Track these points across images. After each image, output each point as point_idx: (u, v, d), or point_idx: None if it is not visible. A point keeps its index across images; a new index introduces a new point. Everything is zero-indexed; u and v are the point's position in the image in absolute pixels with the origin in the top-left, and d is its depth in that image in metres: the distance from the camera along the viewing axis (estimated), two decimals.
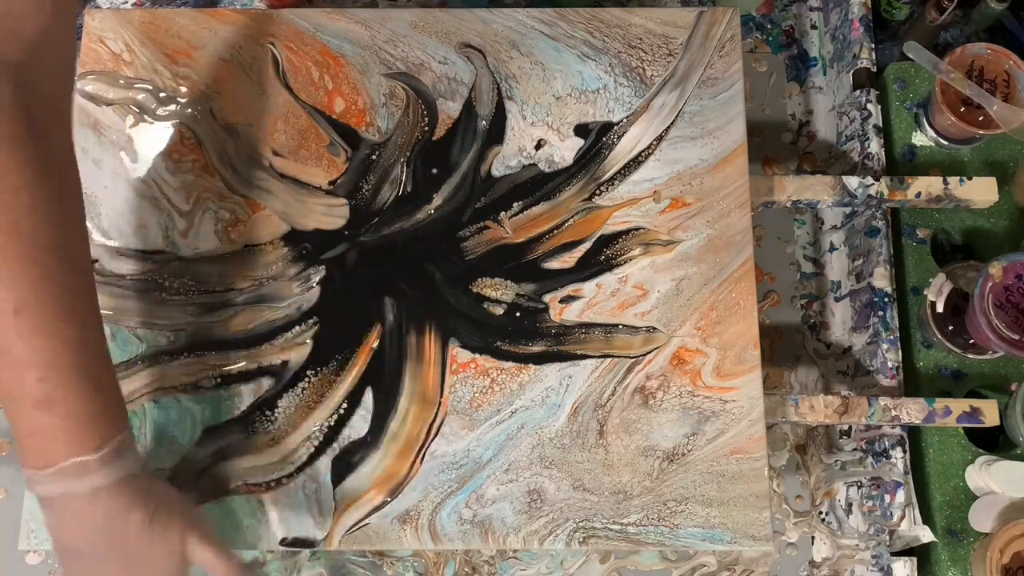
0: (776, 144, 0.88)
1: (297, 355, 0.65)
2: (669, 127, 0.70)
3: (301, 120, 0.70)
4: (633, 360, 0.66)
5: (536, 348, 0.66)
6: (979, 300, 0.68)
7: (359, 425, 0.64)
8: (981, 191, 0.73)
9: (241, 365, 0.65)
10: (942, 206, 0.75)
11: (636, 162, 0.69)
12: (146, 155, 0.69)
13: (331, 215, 0.68)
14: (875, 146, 0.78)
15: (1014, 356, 0.68)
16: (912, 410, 0.69)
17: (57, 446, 0.49)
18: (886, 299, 0.75)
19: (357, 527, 0.62)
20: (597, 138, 0.70)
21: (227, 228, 0.68)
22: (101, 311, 0.66)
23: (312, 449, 0.64)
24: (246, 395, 0.65)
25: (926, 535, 0.70)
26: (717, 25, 0.72)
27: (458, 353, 0.66)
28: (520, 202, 0.69)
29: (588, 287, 0.67)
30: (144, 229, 0.68)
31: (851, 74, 0.82)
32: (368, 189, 0.69)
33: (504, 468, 0.64)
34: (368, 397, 0.65)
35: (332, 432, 0.64)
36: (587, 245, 0.68)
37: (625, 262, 0.68)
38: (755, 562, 0.76)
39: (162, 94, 0.70)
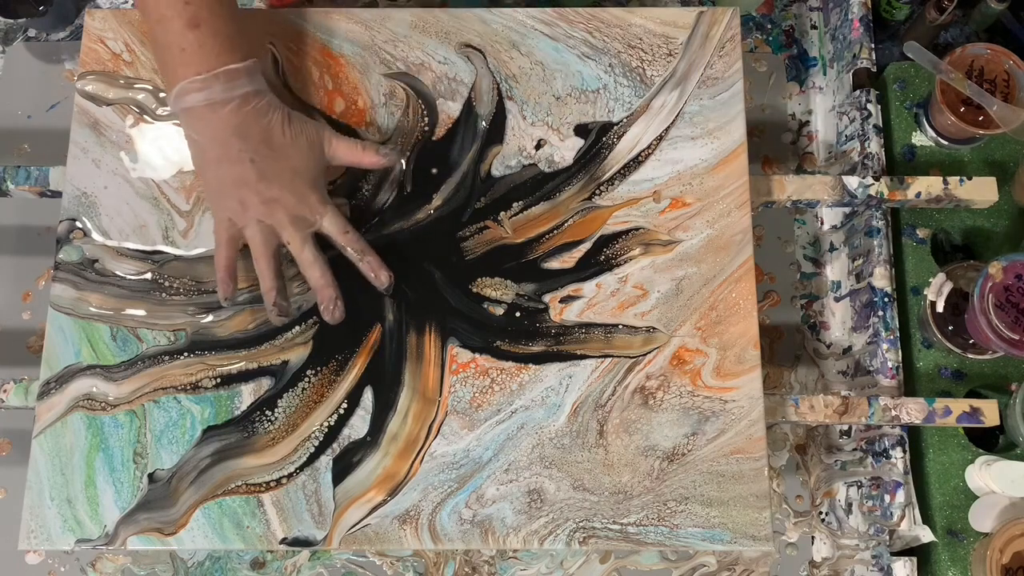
0: (776, 144, 0.88)
1: (297, 355, 0.65)
2: (669, 127, 0.70)
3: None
4: (633, 360, 0.66)
5: (536, 348, 0.66)
6: (979, 300, 0.68)
7: (359, 425, 0.64)
8: (981, 191, 0.73)
9: (241, 365, 0.65)
10: (942, 206, 0.75)
11: (636, 162, 0.69)
12: (146, 155, 0.69)
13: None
14: (875, 146, 0.78)
15: (1014, 356, 0.69)
16: (912, 410, 0.69)
17: (209, 56, 0.59)
18: (886, 299, 0.75)
19: (357, 527, 0.62)
20: (597, 138, 0.70)
21: None
22: (101, 311, 0.66)
23: (312, 449, 0.64)
24: (246, 395, 0.65)
25: (926, 535, 0.70)
26: (717, 25, 0.72)
27: (458, 353, 0.66)
28: (520, 202, 0.69)
29: (588, 287, 0.67)
30: (144, 229, 0.68)
31: (851, 74, 0.82)
32: (368, 189, 0.69)
33: (504, 468, 0.64)
34: (368, 397, 0.65)
35: (332, 432, 0.64)
36: (587, 245, 0.68)
37: (625, 262, 0.68)
38: (755, 562, 0.76)
39: (162, 94, 0.70)
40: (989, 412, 0.68)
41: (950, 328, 0.74)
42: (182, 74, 0.59)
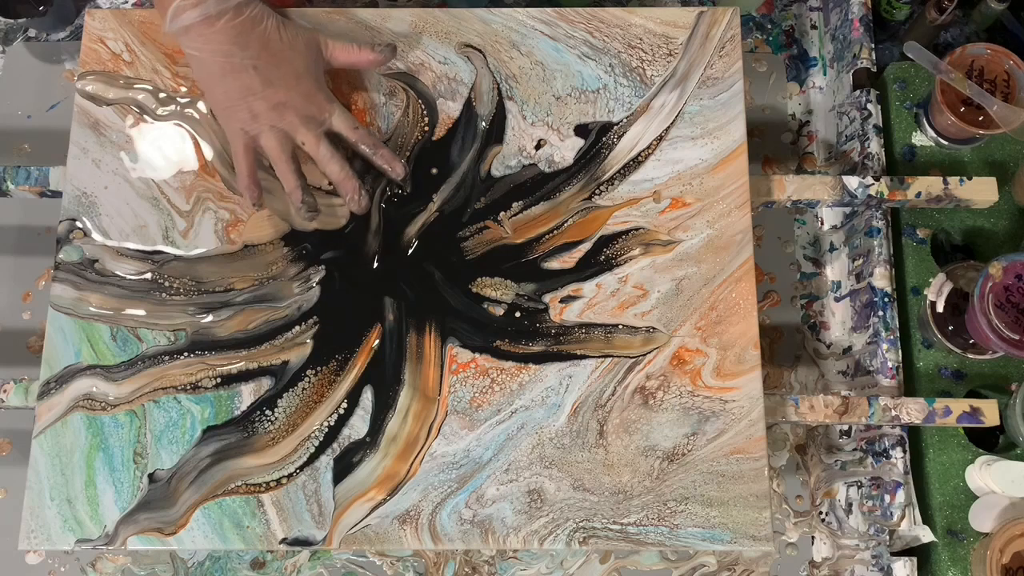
0: (776, 144, 0.88)
1: (297, 355, 0.65)
2: (669, 127, 0.70)
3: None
4: (633, 360, 0.66)
5: (536, 348, 0.66)
6: (979, 300, 0.68)
7: (359, 425, 0.64)
8: (981, 191, 0.73)
9: (241, 365, 0.65)
10: (942, 206, 0.75)
11: (636, 162, 0.69)
12: (146, 155, 0.69)
13: (331, 215, 0.68)
14: (875, 146, 0.78)
15: (1014, 356, 0.69)
16: (912, 410, 0.69)
17: None
18: (886, 299, 0.75)
19: (357, 527, 0.62)
20: (597, 138, 0.70)
21: (227, 228, 0.68)
22: (101, 311, 0.66)
23: (312, 449, 0.64)
24: (246, 395, 0.65)
25: (926, 535, 0.70)
26: (717, 25, 0.72)
27: (458, 353, 0.66)
28: (520, 202, 0.69)
29: (588, 287, 0.67)
30: (144, 229, 0.68)
31: (851, 74, 0.82)
32: (368, 189, 0.69)
33: (504, 468, 0.64)
34: (368, 397, 0.65)
35: (332, 432, 0.64)
36: (587, 245, 0.68)
37: (625, 262, 0.68)
38: (755, 562, 0.76)
39: (162, 94, 0.70)
40: (989, 412, 0.68)
41: (950, 328, 0.74)
42: None
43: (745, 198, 0.69)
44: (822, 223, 0.85)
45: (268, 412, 0.64)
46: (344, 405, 0.64)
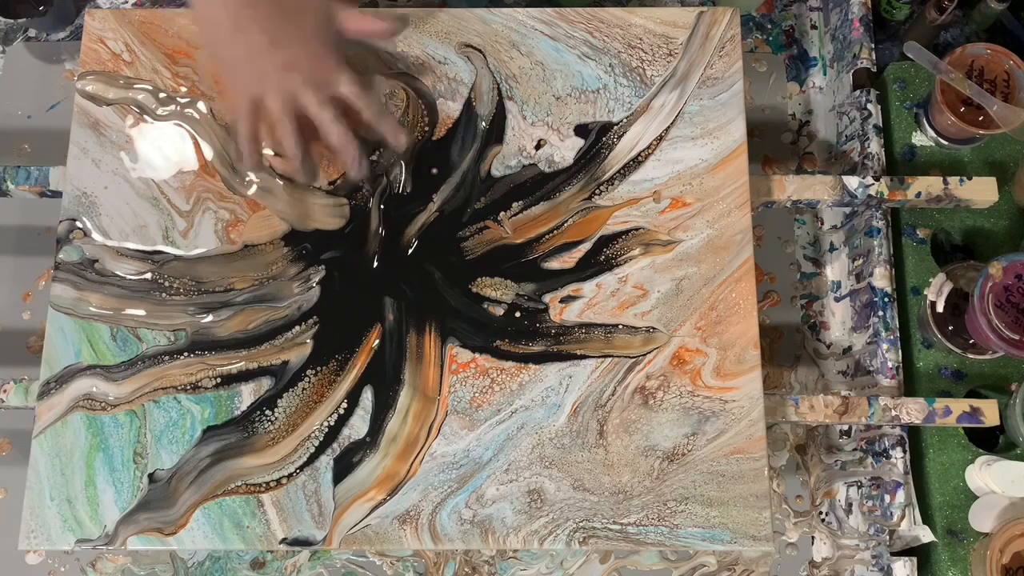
0: (776, 144, 0.88)
1: (297, 355, 0.65)
2: (669, 127, 0.70)
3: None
4: (633, 360, 0.66)
5: (536, 348, 0.66)
6: (979, 300, 0.68)
7: (359, 425, 0.64)
8: (981, 191, 0.73)
9: (241, 365, 0.65)
10: (942, 206, 0.75)
11: (636, 162, 0.69)
12: (146, 155, 0.69)
13: (331, 215, 0.68)
14: (875, 146, 0.78)
15: (1014, 356, 0.68)
16: (912, 410, 0.69)
17: None
18: (886, 299, 0.75)
19: (357, 527, 0.62)
20: (597, 138, 0.70)
21: (227, 228, 0.68)
22: (101, 311, 0.66)
23: (312, 449, 0.64)
24: (246, 395, 0.65)
25: (926, 535, 0.70)
26: (717, 25, 0.72)
27: (458, 353, 0.66)
28: (520, 202, 0.69)
29: (588, 287, 0.67)
30: (144, 229, 0.68)
31: (851, 74, 0.82)
32: (368, 189, 0.69)
33: (504, 468, 0.64)
34: (368, 397, 0.65)
35: (332, 432, 0.64)
36: (587, 245, 0.68)
37: (625, 262, 0.68)
38: (755, 562, 0.76)
39: (162, 94, 0.70)
40: (989, 412, 0.68)
41: (950, 328, 0.74)
42: None
43: (745, 198, 0.69)
44: (822, 223, 0.85)
45: (268, 412, 0.64)
46: (344, 405, 0.64)
